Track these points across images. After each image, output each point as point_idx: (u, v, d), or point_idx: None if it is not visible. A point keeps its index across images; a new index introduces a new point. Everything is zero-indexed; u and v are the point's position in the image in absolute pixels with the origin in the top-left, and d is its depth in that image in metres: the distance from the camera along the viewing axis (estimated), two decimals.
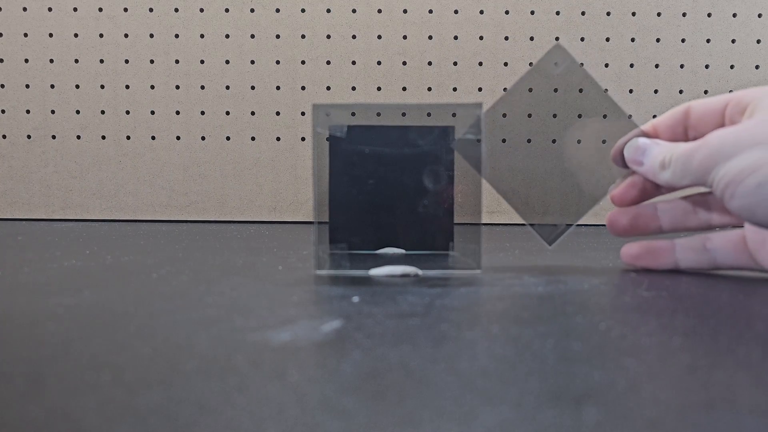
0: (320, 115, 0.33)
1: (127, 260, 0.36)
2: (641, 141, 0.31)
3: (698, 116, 0.31)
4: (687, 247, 0.33)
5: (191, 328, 0.20)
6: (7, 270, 0.33)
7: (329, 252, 0.35)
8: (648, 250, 0.33)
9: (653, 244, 0.33)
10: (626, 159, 0.32)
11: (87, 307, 0.23)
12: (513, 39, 0.67)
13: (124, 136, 0.69)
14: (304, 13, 0.67)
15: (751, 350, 0.18)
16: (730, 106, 0.30)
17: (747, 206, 0.26)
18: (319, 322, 0.21)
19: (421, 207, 0.35)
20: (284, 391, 0.14)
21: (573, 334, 0.20)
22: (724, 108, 0.30)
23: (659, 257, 0.33)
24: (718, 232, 0.32)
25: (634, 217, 0.33)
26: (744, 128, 0.27)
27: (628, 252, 0.34)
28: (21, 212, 0.69)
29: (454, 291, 0.27)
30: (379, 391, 0.15)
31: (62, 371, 0.16)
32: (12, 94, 0.68)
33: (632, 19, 0.67)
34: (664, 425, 0.13)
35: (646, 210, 0.33)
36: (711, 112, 0.31)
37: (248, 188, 0.69)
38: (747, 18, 0.67)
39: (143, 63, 0.68)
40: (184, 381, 0.15)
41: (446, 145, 0.34)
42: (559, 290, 0.28)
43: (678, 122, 0.32)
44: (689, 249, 0.33)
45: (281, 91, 0.68)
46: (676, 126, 0.32)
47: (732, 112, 0.30)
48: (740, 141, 0.26)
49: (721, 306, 0.25)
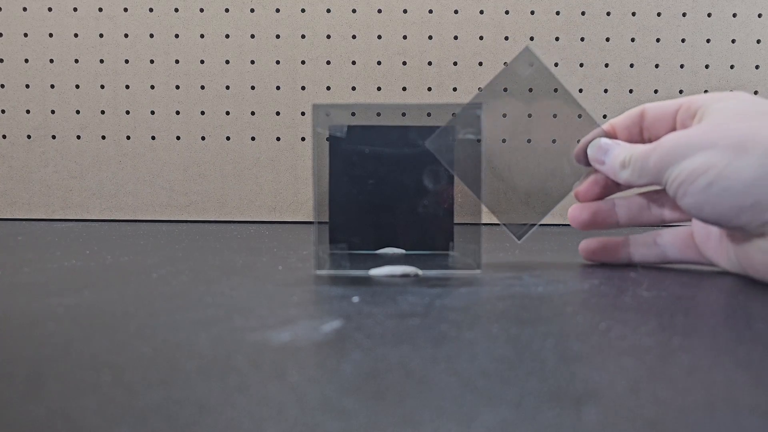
0: (320, 115, 0.33)
1: (127, 260, 0.36)
2: (603, 141, 0.33)
3: (652, 118, 0.33)
4: (639, 242, 0.35)
5: (191, 328, 0.20)
6: (7, 270, 0.33)
7: (329, 252, 0.35)
8: (604, 245, 0.36)
9: (609, 240, 0.36)
10: (589, 158, 0.34)
11: (87, 307, 0.23)
12: (513, 39, 0.67)
13: (124, 136, 0.69)
14: (304, 13, 0.67)
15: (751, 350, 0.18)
16: (681, 110, 0.32)
17: (696, 204, 0.28)
18: (319, 322, 0.21)
19: (421, 207, 0.35)
20: (284, 391, 0.14)
21: (573, 335, 0.20)
22: (676, 112, 0.32)
23: (614, 252, 0.36)
24: (668, 228, 0.35)
25: (594, 213, 0.35)
26: (695, 132, 0.29)
27: (586, 247, 0.36)
28: (21, 212, 0.69)
29: (454, 291, 0.27)
30: (379, 392, 0.15)
31: (62, 371, 0.16)
32: (12, 94, 0.68)
33: (632, 19, 0.67)
34: (664, 425, 0.13)
35: (605, 206, 0.35)
36: (664, 115, 0.33)
37: (248, 188, 0.69)
38: (747, 18, 0.67)
39: (143, 63, 0.68)
40: (184, 381, 0.15)
41: (446, 145, 0.34)
42: (559, 290, 0.28)
43: (634, 123, 0.34)
44: (641, 244, 0.35)
45: (281, 91, 0.68)
46: (633, 127, 0.34)
47: (683, 117, 0.32)
48: (692, 144, 0.28)
49: (721, 306, 0.25)
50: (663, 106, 0.33)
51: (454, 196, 0.35)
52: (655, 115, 0.33)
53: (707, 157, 0.27)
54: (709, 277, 0.32)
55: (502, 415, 0.13)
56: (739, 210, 0.27)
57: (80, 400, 0.14)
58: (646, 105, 0.33)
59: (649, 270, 0.34)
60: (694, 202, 0.28)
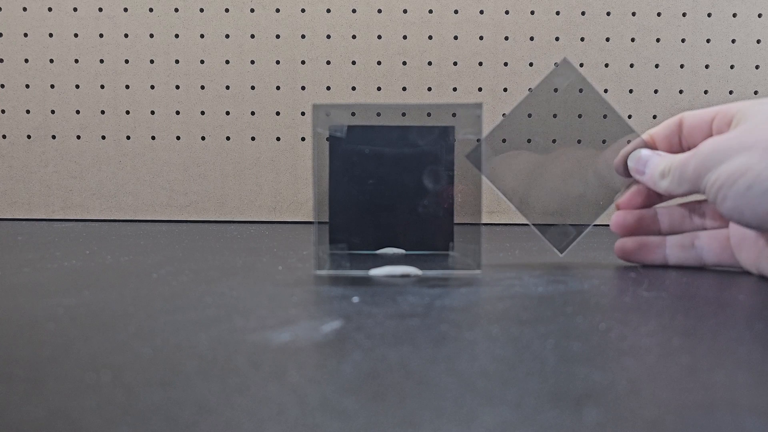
0: (320, 115, 0.33)
1: (127, 260, 0.36)
2: (643, 152, 0.34)
3: (690, 127, 0.33)
4: (676, 244, 0.35)
5: (191, 329, 0.20)
6: (7, 270, 0.33)
7: (329, 252, 0.35)
8: (641, 245, 0.35)
9: (646, 240, 0.35)
10: (629, 169, 0.34)
11: (87, 307, 0.23)
12: (513, 39, 0.67)
13: (124, 136, 0.69)
14: (304, 13, 0.67)
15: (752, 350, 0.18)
16: (717, 118, 0.32)
17: (737, 207, 0.28)
18: (319, 322, 0.21)
19: (421, 207, 0.35)
20: (284, 391, 0.14)
21: (573, 335, 0.20)
22: (712, 120, 0.32)
23: (650, 252, 0.35)
24: (706, 231, 0.34)
25: (639, 219, 0.35)
26: (732, 136, 0.29)
27: (622, 247, 0.36)
28: (21, 212, 0.69)
29: (454, 291, 0.27)
30: (379, 392, 0.15)
31: (62, 371, 0.16)
32: (12, 94, 0.68)
33: (632, 19, 0.67)
34: (664, 426, 0.13)
35: (648, 213, 0.35)
36: (701, 123, 0.33)
37: (248, 188, 0.69)
38: (747, 18, 0.67)
39: (143, 63, 0.68)
40: (184, 381, 0.15)
41: (446, 145, 0.34)
42: (559, 290, 0.28)
43: (673, 132, 0.34)
44: (678, 246, 0.35)
45: (281, 91, 0.68)
46: (672, 136, 0.34)
47: (719, 124, 0.32)
48: (729, 148, 0.28)
49: (721, 306, 0.25)
50: (700, 115, 0.33)
51: (454, 196, 0.34)
52: (692, 124, 0.33)
53: (745, 160, 0.27)
54: (709, 277, 0.32)
55: (502, 415, 0.13)
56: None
57: (80, 400, 0.14)
58: (684, 114, 0.34)
59: (649, 270, 0.34)
60: (734, 205, 0.28)
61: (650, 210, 0.35)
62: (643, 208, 0.35)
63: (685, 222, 0.35)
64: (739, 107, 0.30)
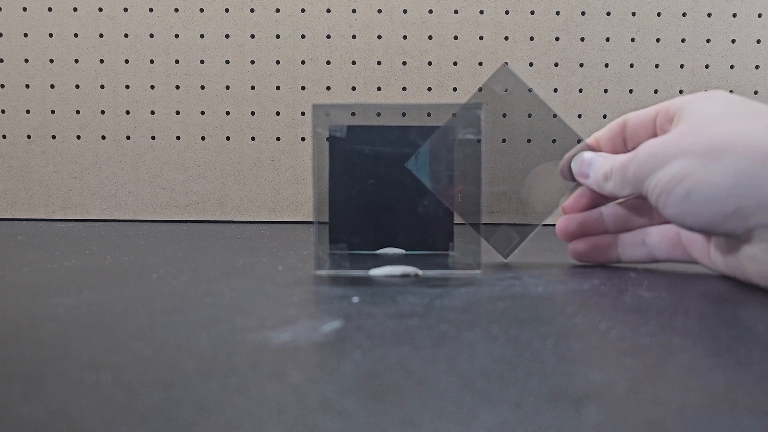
0: (320, 115, 0.33)
1: (127, 260, 0.36)
2: (586, 155, 0.33)
3: (633, 128, 0.33)
4: (628, 242, 0.35)
5: (191, 329, 0.20)
6: (7, 270, 0.33)
7: (329, 252, 0.35)
8: (592, 246, 0.35)
9: (597, 241, 0.35)
10: (573, 172, 0.34)
11: (87, 307, 0.23)
12: (513, 39, 0.67)
13: (124, 136, 0.69)
14: (304, 13, 0.67)
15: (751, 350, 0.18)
16: (659, 115, 0.31)
17: (678, 213, 0.27)
18: (319, 322, 0.21)
19: (421, 207, 0.35)
20: (284, 391, 0.14)
21: (573, 335, 0.20)
22: (655, 118, 0.32)
23: (602, 253, 0.35)
24: (656, 227, 0.34)
25: (581, 224, 0.35)
26: (669, 139, 0.28)
27: (575, 249, 0.36)
28: (21, 212, 0.69)
29: (454, 291, 0.27)
30: (379, 392, 0.15)
31: (62, 371, 0.16)
32: (12, 94, 0.68)
33: (632, 19, 0.67)
34: (664, 426, 0.13)
35: (592, 216, 0.35)
36: (644, 122, 0.32)
37: (248, 188, 0.69)
38: (747, 18, 0.67)
39: (143, 63, 0.68)
40: (184, 381, 0.15)
41: (446, 145, 0.34)
42: (559, 290, 0.28)
43: (617, 134, 0.34)
44: (630, 244, 0.35)
45: (281, 91, 0.68)
46: (615, 138, 0.34)
47: (662, 122, 0.31)
48: (667, 152, 0.28)
49: (720, 306, 0.25)
50: (642, 114, 0.32)
51: (454, 196, 0.34)
52: (635, 124, 0.33)
53: (682, 165, 0.27)
54: (709, 277, 0.32)
55: (502, 415, 0.13)
56: (722, 218, 0.26)
57: (80, 400, 0.14)
58: (628, 115, 0.33)
59: (649, 270, 0.34)
60: (676, 212, 0.27)
61: (595, 212, 0.35)
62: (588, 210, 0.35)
63: (632, 220, 0.35)
64: (680, 104, 0.30)
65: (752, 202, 0.25)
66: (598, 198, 0.35)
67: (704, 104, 0.29)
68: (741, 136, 0.26)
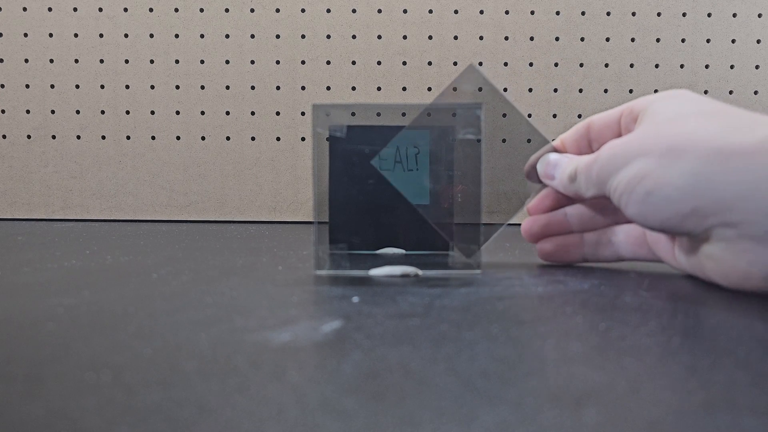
0: (320, 115, 0.33)
1: (127, 260, 0.36)
2: (552, 156, 0.33)
3: (598, 129, 0.33)
4: (593, 242, 0.35)
5: (191, 329, 0.20)
6: (7, 270, 0.33)
7: (329, 252, 0.35)
8: (559, 246, 0.35)
9: (564, 241, 0.35)
10: (539, 174, 0.34)
11: (87, 307, 0.23)
12: (513, 39, 0.67)
13: (124, 136, 0.69)
14: (304, 13, 0.67)
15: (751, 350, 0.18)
16: (623, 116, 0.31)
17: (640, 213, 0.27)
18: (319, 322, 0.21)
19: (421, 207, 0.35)
20: (284, 391, 0.14)
21: (573, 335, 0.20)
22: (619, 118, 0.32)
23: (569, 253, 0.35)
24: (621, 226, 0.34)
25: (545, 225, 0.35)
26: (631, 139, 0.28)
27: (542, 249, 0.36)
28: (21, 212, 0.69)
29: (454, 291, 0.27)
30: (379, 392, 0.15)
31: (62, 371, 0.16)
32: (12, 94, 0.68)
33: (632, 19, 0.67)
34: (664, 426, 0.13)
35: (556, 217, 0.35)
36: (609, 123, 0.32)
37: (248, 188, 0.69)
38: (747, 18, 0.67)
39: (143, 63, 0.68)
40: (184, 381, 0.15)
41: (446, 145, 0.34)
42: (559, 290, 0.28)
43: (582, 136, 0.34)
44: (596, 244, 0.35)
45: (281, 91, 0.68)
46: (581, 140, 0.34)
47: (626, 122, 0.31)
48: (628, 152, 0.28)
49: (720, 306, 0.25)
50: (607, 115, 0.32)
51: (454, 196, 0.34)
52: (600, 125, 0.33)
53: (643, 165, 0.27)
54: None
55: (502, 415, 0.13)
56: (681, 217, 0.26)
57: (80, 400, 0.14)
58: (593, 117, 0.33)
59: (648, 270, 0.34)
60: (637, 211, 0.27)
61: (559, 212, 0.35)
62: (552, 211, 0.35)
63: (596, 220, 0.35)
64: (644, 104, 0.30)
65: (709, 201, 0.25)
66: (563, 199, 0.35)
67: (665, 104, 0.29)
68: (698, 135, 0.26)
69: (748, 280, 0.26)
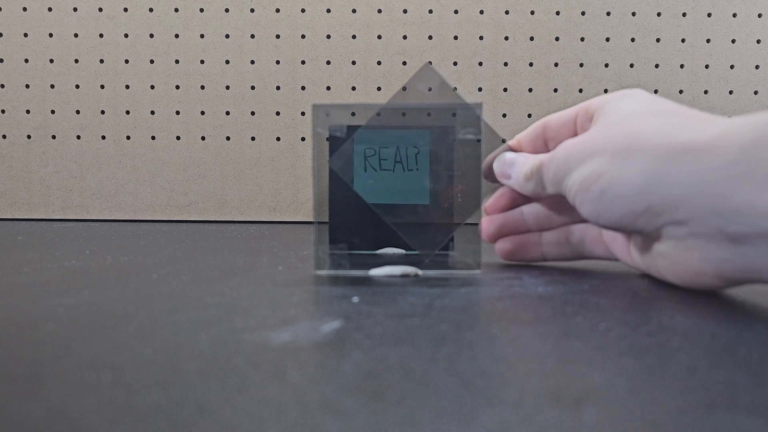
0: (320, 115, 0.33)
1: (127, 260, 0.36)
2: (508, 155, 0.33)
3: (554, 128, 0.33)
4: (552, 241, 0.35)
5: (191, 329, 0.20)
6: (7, 270, 0.33)
7: (329, 252, 0.35)
8: (518, 245, 0.35)
9: (523, 240, 0.36)
10: (495, 173, 0.34)
11: (87, 307, 0.23)
12: (513, 39, 0.67)
13: (124, 136, 0.69)
14: (304, 13, 0.67)
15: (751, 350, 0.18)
16: (579, 115, 0.32)
17: (594, 211, 0.27)
18: (319, 322, 0.21)
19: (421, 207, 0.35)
20: (284, 391, 0.14)
21: (573, 335, 0.20)
22: (575, 118, 0.32)
23: (528, 252, 0.35)
24: (579, 225, 0.34)
25: (501, 226, 0.35)
26: (586, 138, 0.28)
27: (501, 248, 0.36)
28: (21, 212, 0.70)
29: (454, 291, 0.27)
30: (379, 392, 0.15)
31: (62, 371, 0.16)
32: (12, 94, 0.68)
33: (632, 19, 0.67)
34: (664, 426, 0.13)
35: (512, 216, 0.35)
36: (564, 123, 0.32)
37: (248, 188, 0.69)
38: (747, 18, 0.67)
39: (143, 63, 0.68)
40: (184, 381, 0.15)
41: (446, 145, 0.34)
42: (558, 290, 0.28)
43: (538, 135, 0.34)
44: (554, 243, 0.35)
45: (281, 91, 0.68)
46: (537, 139, 0.34)
47: (582, 121, 0.31)
48: (583, 151, 0.28)
49: (720, 306, 0.25)
50: (563, 115, 0.33)
51: (454, 196, 0.34)
52: (557, 125, 0.33)
53: (597, 164, 0.27)
54: None
55: (502, 415, 0.13)
56: (633, 216, 0.26)
57: (80, 400, 0.14)
58: (548, 116, 0.33)
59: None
60: (591, 210, 0.27)
61: (515, 211, 0.35)
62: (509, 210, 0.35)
63: (553, 218, 0.35)
64: (599, 103, 0.30)
65: (660, 200, 0.25)
66: (519, 198, 0.35)
67: (620, 103, 0.29)
68: (650, 134, 0.26)
69: (700, 277, 0.26)
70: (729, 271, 0.24)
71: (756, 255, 0.23)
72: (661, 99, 0.29)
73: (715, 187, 0.23)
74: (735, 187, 0.22)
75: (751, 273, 0.24)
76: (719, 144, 0.23)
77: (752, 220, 0.22)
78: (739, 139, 0.23)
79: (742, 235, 0.23)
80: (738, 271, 0.24)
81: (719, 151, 0.23)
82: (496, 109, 0.68)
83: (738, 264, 0.24)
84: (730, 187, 0.23)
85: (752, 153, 0.22)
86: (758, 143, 0.22)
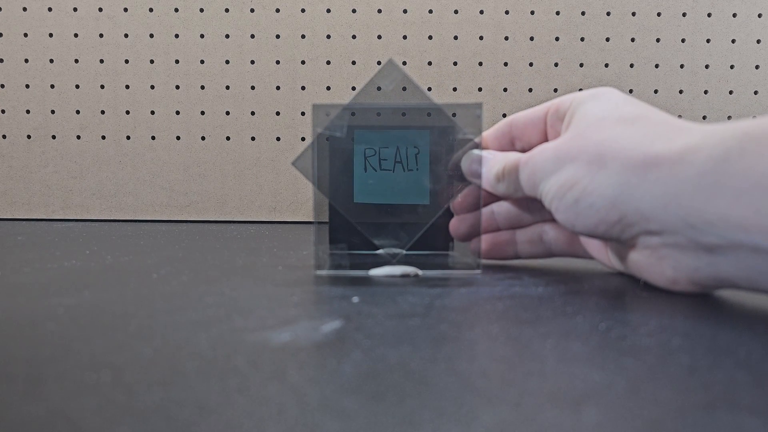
0: (320, 115, 0.33)
1: (127, 260, 0.36)
2: (476, 153, 0.33)
3: (521, 127, 0.33)
4: (526, 239, 0.35)
5: (191, 329, 0.20)
6: (7, 270, 0.33)
7: (329, 252, 0.35)
8: (492, 244, 0.35)
9: (496, 238, 0.35)
10: (464, 171, 0.33)
11: (87, 307, 0.23)
12: (513, 39, 0.67)
13: (124, 136, 0.69)
14: (304, 13, 0.67)
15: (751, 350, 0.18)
16: (549, 113, 0.31)
17: (568, 219, 0.28)
18: (319, 322, 0.21)
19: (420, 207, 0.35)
20: (284, 391, 0.14)
21: (573, 335, 0.20)
22: (544, 116, 0.32)
23: (501, 250, 0.35)
24: (553, 223, 0.34)
25: (474, 225, 0.35)
26: (560, 144, 0.28)
27: (474, 247, 0.35)
28: (21, 212, 0.69)
29: (454, 291, 0.27)
30: (379, 392, 0.15)
31: (62, 371, 0.16)
32: (12, 94, 0.68)
33: (632, 19, 0.67)
34: (664, 426, 0.13)
35: (484, 215, 0.35)
36: (532, 121, 0.32)
37: (248, 188, 0.69)
38: (747, 18, 0.67)
39: (143, 63, 0.68)
40: (184, 381, 0.15)
41: (446, 145, 0.34)
42: (559, 290, 0.28)
43: (503, 134, 0.33)
44: (528, 241, 0.35)
45: (281, 91, 0.68)
46: (502, 138, 0.34)
47: (552, 120, 0.31)
48: (558, 157, 0.28)
49: (720, 306, 0.25)
50: (530, 113, 0.32)
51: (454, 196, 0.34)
52: (524, 123, 0.33)
53: (572, 172, 0.27)
54: None
55: (502, 415, 0.13)
56: (608, 225, 0.26)
57: (80, 400, 0.14)
58: (514, 115, 0.33)
59: None
60: (566, 217, 0.28)
61: (485, 210, 0.35)
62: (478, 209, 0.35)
63: (524, 217, 0.34)
64: (570, 103, 0.30)
65: (632, 211, 0.25)
66: (487, 196, 0.34)
67: (591, 106, 0.28)
68: (624, 143, 0.26)
69: (674, 284, 0.26)
70: (702, 278, 0.25)
71: (729, 264, 0.23)
72: (633, 100, 0.28)
73: (687, 199, 0.23)
74: (707, 200, 0.23)
75: (724, 281, 0.24)
76: (689, 156, 0.23)
77: (725, 232, 0.22)
78: (710, 152, 0.23)
79: (715, 246, 0.23)
80: (711, 279, 0.25)
81: (690, 163, 0.23)
82: (496, 109, 0.68)
83: (711, 273, 0.24)
84: (701, 200, 0.23)
85: (721, 166, 0.22)
86: (727, 156, 0.22)
